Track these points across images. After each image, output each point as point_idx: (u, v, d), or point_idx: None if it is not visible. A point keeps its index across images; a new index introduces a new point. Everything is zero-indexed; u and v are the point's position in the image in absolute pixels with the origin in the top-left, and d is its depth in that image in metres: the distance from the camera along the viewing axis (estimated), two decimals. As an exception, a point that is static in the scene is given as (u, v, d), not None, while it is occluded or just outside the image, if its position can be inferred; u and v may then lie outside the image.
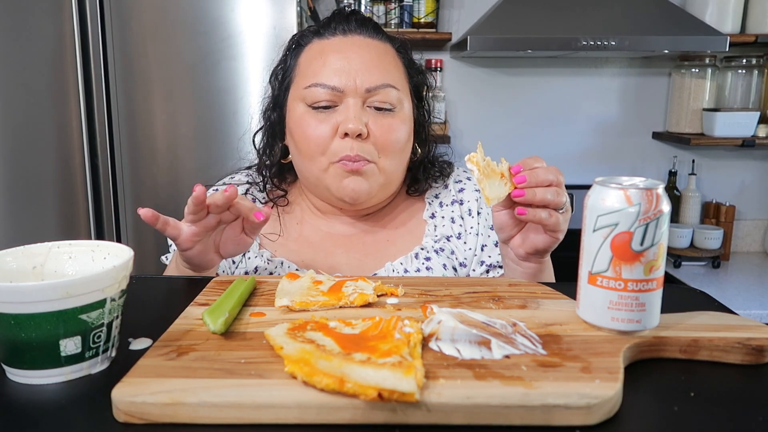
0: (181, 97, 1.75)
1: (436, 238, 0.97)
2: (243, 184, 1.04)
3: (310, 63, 0.93)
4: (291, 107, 0.95)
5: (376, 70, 0.91)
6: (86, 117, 1.73)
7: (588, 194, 0.56)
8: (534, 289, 0.68)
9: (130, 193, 1.79)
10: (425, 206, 1.02)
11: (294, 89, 0.95)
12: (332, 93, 0.89)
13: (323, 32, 0.95)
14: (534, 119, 2.47)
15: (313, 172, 0.92)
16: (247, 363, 0.50)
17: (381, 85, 0.90)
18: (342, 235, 1.00)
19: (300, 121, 0.92)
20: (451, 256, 0.97)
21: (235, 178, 1.07)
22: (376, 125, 0.90)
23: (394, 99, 0.92)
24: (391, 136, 0.91)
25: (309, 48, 0.96)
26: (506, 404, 0.44)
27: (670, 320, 0.57)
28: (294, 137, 0.94)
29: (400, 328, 0.53)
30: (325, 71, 0.90)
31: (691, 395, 0.48)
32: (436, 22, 2.27)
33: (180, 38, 1.71)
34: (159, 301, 0.72)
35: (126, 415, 0.45)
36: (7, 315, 0.48)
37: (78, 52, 1.70)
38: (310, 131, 0.90)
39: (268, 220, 0.78)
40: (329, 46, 0.93)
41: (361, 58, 0.91)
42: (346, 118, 0.88)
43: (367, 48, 0.93)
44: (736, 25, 2.24)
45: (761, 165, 2.52)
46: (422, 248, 0.96)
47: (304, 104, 0.92)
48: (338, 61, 0.91)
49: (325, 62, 0.91)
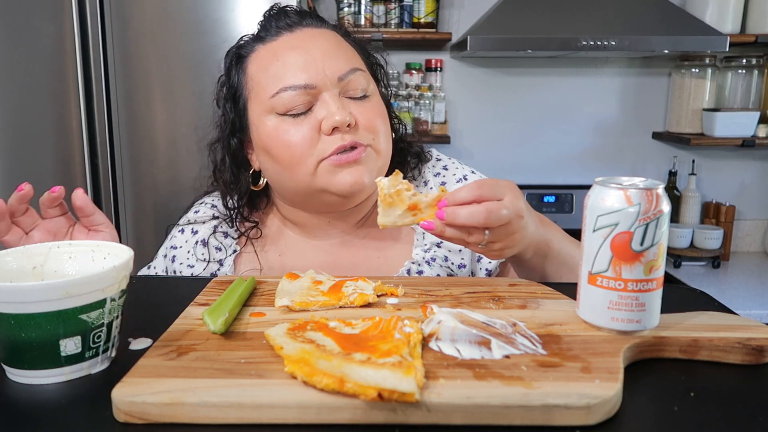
0: (181, 97, 1.75)
1: (425, 248, 0.91)
2: (209, 219, 0.97)
3: (266, 70, 0.85)
4: (258, 124, 0.86)
5: (339, 56, 0.86)
6: (86, 117, 1.73)
7: (588, 194, 0.56)
8: (534, 289, 0.68)
9: (130, 193, 1.79)
10: None
11: (256, 104, 0.87)
12: (305, 92, 0.82)
13: (265, 35, 0.88)
14: (534, 119, 2.47)
15: (300, 180, 0.84)
16: (247, 363, 0.50)
17: (350, 70, 0.85)
18: (330, 259, 0.93)
19: (275, 132, 0.84)
20: (444, 263, 0.91)
21: (200, 213, 0.99)
22: (358, 111, 0.84)
23: (365, 83, 0.87)
24: (376, 120, 0.86)
25: (255, 57, 0.88)
26: (506, 404, 0.44)
27: (670, 320, 0.57)
28: (271, 151, 0.85)
29: (400, 328, 0.53)
30: (288, 72, 0.83)
31: (691, 395, 0.48)
32: (436, 22, 2.27)
33: (180, 39, 1.71)
34: (159, 301, 0.72)
35: (126, 415, 0.45)
36: (7, 315, 0.48)
37: (78, 52, 1.70)
38: (290, 138, 0.83)
39: (62, 194, 0.75)
40: (280, 47, 0.86)
41: (320, 48, 0.85)
42: (329, 112, 0.82)
43: (321, 37, 0.87)
44: (736, 25, 2.24)
45: (761, 165, 2.52)
46: (413, 262, 0.91)
47: (275, 115, 0.84)
48: (298, 57, 0.84)
49: (284, 63, 0.84)
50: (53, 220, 0.77)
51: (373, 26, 2.24)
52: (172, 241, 0.98)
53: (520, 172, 2.47)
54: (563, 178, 2.49)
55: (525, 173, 2.48)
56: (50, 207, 0.75)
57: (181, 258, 0.96)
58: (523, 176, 2.47)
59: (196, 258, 0.94)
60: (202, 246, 0.95)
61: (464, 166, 1.01)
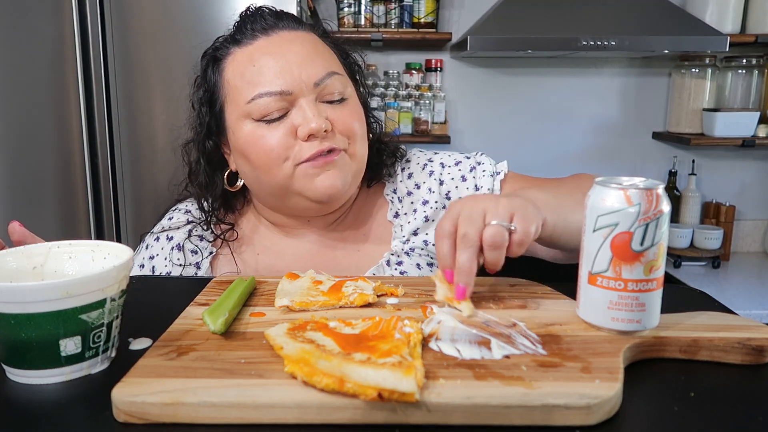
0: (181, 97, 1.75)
1: (404, 239, 0.92)
2: (184, 225, 0.97)
3: (242, 75, 0.85)
4: (235, 128, 0.86)
5: (315, 60, 0.85)
6: (86, 117, 1.73)
7: (588, 194, 0.56)
8: (534, 289, 0.68)
9: (130, 193, 1.79)
10: (387, 205, 0.96)
11: (232, 108, 0.86)
12: (281, 99, 0.82)
13: (241, 38, 0.87)
14: (534, 119, 2.47)
15: (277, 182, 0.84)
16: (247, 363, 0.50)
17: (326, 75, 0.84)
18: (309, 254, 0.94)
19: (251, 137, 0.84)
20: (424, 249, 0.91)
21: (173, 220, 0.99)
22: (335, 116, 0.84)
23: (342, 87, 0.86)
24: (353, 124, 0.86)
25: (231, 60, 0.87)
26: (506, 404, 0.44)
27: (670, 320, 0.57)
28: (248, 156, 0.85)
29: (400, 328, 0.53)
30: (263, 78, 0.83)
31: (691, 395, 0.48)
32: (436, 22, 2.27)
33: (180, 38, 1.71)
34: (159, 301, 0.71)
35: (126, 415, 0.45)
36: (7, 315, 0.48)
37: (78, 52, 1.70)
38: (266, 143, 0.83)
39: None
40: (256, 51, 0.85)
41: (296, 52, 0.84)
42: (305, 119, 0.81)
43: (297, 41, 0.86)
44: (736, 25, 2.24)
45: (761, 165, 2.52)
46: (392, 253, 0.92)
47: (250, 120, 0.84)
48: (274, 63, 0.83)
49: (259, 69, 0.83)
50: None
51: (373, 26, 2.24)
52: (149, 251, 0.97)
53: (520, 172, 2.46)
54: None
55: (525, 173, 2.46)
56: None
57: (160, 267, 0.95)
58: (523, 176, 2.47)
59: (172, 264, 0.94)
60: (177, 251, 0.95)
61: (427, 152, 1.01)
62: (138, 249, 1.00)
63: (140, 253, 0.99)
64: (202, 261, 0.94)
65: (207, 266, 0.93)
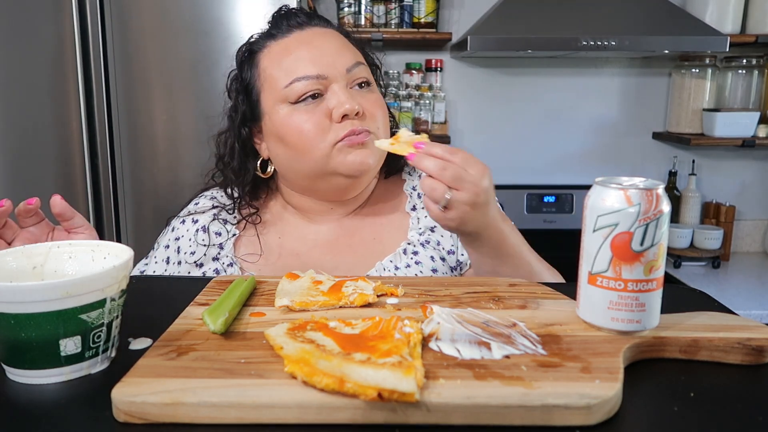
0: (181, 97, 1.75)
1: (420, 231, 0.98)
2: (209, 209, 1.02)
3: (279, 63, 0.93)
4: (272, 113, 0.94)
5: (345, 51, 0.94)
6: (86, 117, 1.73)
7: (588, 194, 0.56)
8: (534, 290, 0.68)
9: (130, 193, 1.79)
10: (406, 198, 1.03)
11: (269, 95, 0.94)
12: (317, 82, 0.90)
13: (276, 33, 0.96)
14: (534, 119, 2.47)
15: (314, 161, 0.91)
16: (247, 363, 0.50)
17: (355, 63, 0.93)
18: (329, 240, 1.00)
19: (289, 120, 0.91)
20: (437, 247, 0.97)
21: (200, 204, 1.05)
22: (364, 101, 0.92)
23: (368, 75, 0.96)
24: (379, 109, 0.94)
25: (267, 52, 0.95)
26: (506, 404, 0.44)
27: (670, 320, 0.57)
28: (285, 138, 0.92)
29: (400, 328, 0.53)
30: (300, 65, 0.91)
31: (691, 395, 0.48)
32: (436, 22, 2.26)
33: (180, 38, 1.71)
34: (159, 301, 0.71)
35: (126, 415, 0.45)
36: (7, 315, 0.48)
37: (78, 52, 1.70)
38: (304, 125, 0.90)
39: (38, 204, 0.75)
40: (292, 43, 0.94)
41: (328, 44, 0.94)
42: (340, 102, 0.89)
43: (328, 36, 0.96)
44: (736, 25, 2.24)
45: (761, 165, 2.52)
46: (409, 243, 0.97)
47: (287, 104, 0.91)
48: (309, 52, 0.92)
49: (296, 57, 0.92)
50: (31, 228, 0.77)
51: (373, 26, 2.24)
52: (175, 232, 1.02)
53: (520, 172, 2.47)
54: (563, 178, 2.49)
55: (525, 173, 2.48)
56: (26, 217, 0.75)
57: (185, 247, 1.00)
58: (523, 176, 2.47)
59: (197, 244, 0.99)
60: (202, 232, 1.00)
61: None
62: (164, 232, 1.06)
63: (166, 235, 1.04)
64: (226, 242, 0.99)
65: (230, 247, 0.98)
